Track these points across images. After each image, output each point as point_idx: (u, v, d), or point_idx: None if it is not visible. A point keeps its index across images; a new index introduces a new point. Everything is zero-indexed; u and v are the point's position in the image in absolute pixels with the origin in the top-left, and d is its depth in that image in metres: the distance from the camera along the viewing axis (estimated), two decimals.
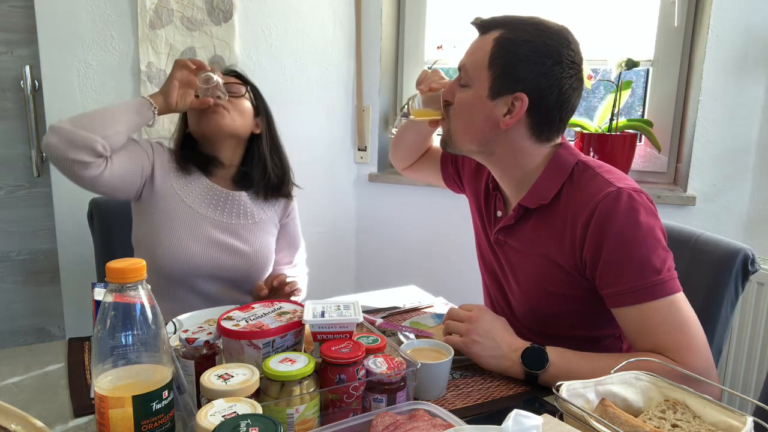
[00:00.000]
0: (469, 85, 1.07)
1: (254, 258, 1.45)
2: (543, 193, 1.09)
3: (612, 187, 1.01)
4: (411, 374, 0.87)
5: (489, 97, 1.05)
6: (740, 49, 1.81)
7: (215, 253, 1.39)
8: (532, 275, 1.12)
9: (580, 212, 1.02)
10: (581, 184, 1.06)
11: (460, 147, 1.14)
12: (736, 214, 1.89)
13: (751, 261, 1.20)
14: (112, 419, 0.69)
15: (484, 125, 1.07)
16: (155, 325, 0.72)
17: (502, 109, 1.05)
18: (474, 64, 1.06)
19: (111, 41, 1.85)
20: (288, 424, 0.77)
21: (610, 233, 0.98)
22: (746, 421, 0.72)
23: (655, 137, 1.97)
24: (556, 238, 1.07)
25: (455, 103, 1.10)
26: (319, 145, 2.33)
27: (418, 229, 2.32)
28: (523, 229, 1.13)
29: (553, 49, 1.02)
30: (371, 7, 2.25)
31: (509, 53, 1.02)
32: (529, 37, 1.02)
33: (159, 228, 1.36)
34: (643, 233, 0.98)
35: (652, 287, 0.96)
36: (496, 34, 1.04)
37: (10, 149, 1.83)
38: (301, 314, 0.90)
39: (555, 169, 1.09)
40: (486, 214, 1.25)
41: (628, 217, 0.98)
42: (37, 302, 1.92)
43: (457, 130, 1.12)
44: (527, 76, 1.02)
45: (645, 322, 0.97)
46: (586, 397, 0.80)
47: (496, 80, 1.04)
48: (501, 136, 1.08)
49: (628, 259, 0.98)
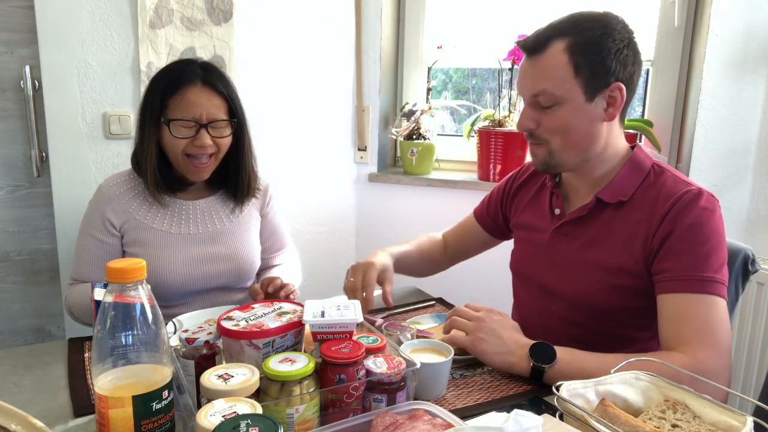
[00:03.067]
0: (558, 102, 1.06)
1: (240, 258, 1.45)
2: (623, 190, 1.12)
3: (693, 187, 1.06)
4: (411, 374, 0.87)
5: (587, 101, 1.06)
6: (740, 49, 1.81)
7: (200, 267, 1.40)
8: (595, 267, 1.13)
9: (660, 206, 1.06)
10: (659, 184, 1.10)
11: (564, 164, 1.13)
12: (736, 214, 1.89)
13: (751, 261, 1.20)
14: (112, 419, 0.69)
15: (589, 128, 1.09)
16: (155, 325, 0.72)
17: (602, 105, 1.07)
18: (556, 82, 1.05)
19: (111, 41, 1.85)
20: (288, 424, 0.77)
21: (683, 223, 1.02)
22: (746, 421, 0.72)
23: (655, 137, 1.97)
24: (628, 232, 1.09)
25: (547, 125, 1.09)
26: (319, 145, 2.33)
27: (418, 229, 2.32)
28: (594, 221, 1.15)
29: (620, 32, 1.06)
30: (371, 7, 2.25)
31: (591, 52, 1.04)
32: (599, 31, 1.04)
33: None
34: (714, 232, 1.02)
35: (704, 282, 0.99)
36: (562, 45, 1.04)
37: (10, 149, 1.82)
38: (301, 314, 0.90)
39: (634, 168, 1.13)
40: (538, 215, 1.26)
41: (703, 214, 1.03)
42: (37, 302, 1.92)
43: (560, 149, 1.10)
44: (614, 65, 1.05)
45: (682, 311, 1.00)
46: (586, 397, 0.80)
47: (589, 82, 1.05)
48: (600, 132, 1.10)
49: (691, 249, 1.01)
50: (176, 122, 1.31)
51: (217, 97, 1.34)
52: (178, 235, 1.40)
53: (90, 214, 1.41)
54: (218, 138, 1.35)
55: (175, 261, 1.38)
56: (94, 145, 1.88)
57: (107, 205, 1.38)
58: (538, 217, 1.26)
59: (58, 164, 1.83)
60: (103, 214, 1.38)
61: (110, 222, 1.38)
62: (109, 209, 1.38)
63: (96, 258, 1.38)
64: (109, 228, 1.38)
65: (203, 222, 1.44)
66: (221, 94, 1.35)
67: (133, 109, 1.91)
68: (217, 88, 1.34)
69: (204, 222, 1.44)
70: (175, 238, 1.40)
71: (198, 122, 1.31)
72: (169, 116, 1.32)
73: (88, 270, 1.38)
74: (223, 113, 1.35)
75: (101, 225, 1.38)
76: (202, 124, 1.32)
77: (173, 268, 1.37)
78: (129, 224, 1.38)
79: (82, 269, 1.39)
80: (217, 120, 1.34)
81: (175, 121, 1.31)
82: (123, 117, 1.89)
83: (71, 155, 1.84)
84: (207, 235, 1.43)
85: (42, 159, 1.84)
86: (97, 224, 1.38)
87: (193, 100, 1.31)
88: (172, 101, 1.31)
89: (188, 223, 1.42)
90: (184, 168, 1.37)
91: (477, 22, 2.25)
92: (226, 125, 1.36)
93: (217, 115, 1.34)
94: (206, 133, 1.32)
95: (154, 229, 1.39)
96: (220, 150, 1.37)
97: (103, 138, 1.89)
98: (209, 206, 1.46)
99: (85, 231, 1.40)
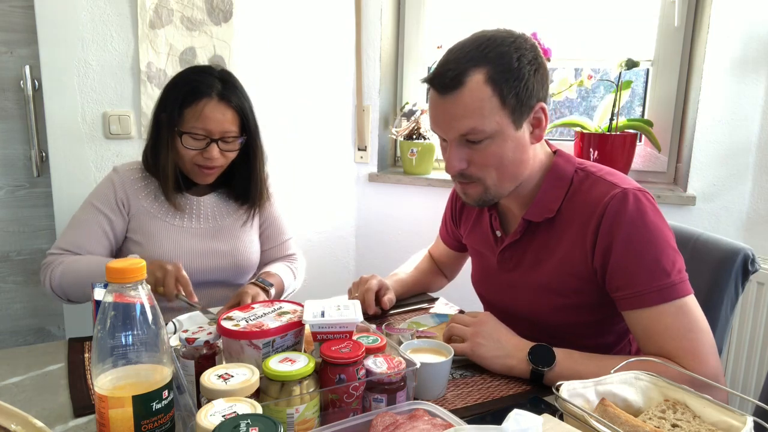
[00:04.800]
0: (490, 137, 1.00)
1: (238, 254, 1.47)
2: (547, 206, 1.08)
3: (617, 189, 1.01)
4: (411, 374, 0.87)
5: (516, 130, 1.02)
6: (740, 49, 1.81)
7: (200, 260, 1.43)
8: (541, 289, 1.11)
9: (589, 218, 1.02)
10: (584, 190, 1.06)
11: (501, 196, 1.09)
12: (736, 214, 1.89)
13: (751, 261, 1.20)
14: (112, 419, 0.69)
15: (521, 156, 1.04)
16: (155, 325, 0.72)
17: (528, 129, 1.04)
18: (484, 117, 0.98)
19: (111, 41, 1.85)
20: (288, 424, 0.77)
21: (619, 236, 0.98)
22: (746, 421, 0.72)
23: (655, 137, 1.97)
24: (566, 248, 1.06)
25: (480, 162, 1.03)
26: (319, 145, 2.33)
27: (418, 229, 2.32)
28: (530, 243, 1.12)
29: (530, 51, 1.01)
30: (371, 7, 2.24)
31: (514, 79, 0.98)
32: (515, 54, 0.98)
33: (139, 248, 1.40)
34: (652, 234, 0.98)
35: (661, 290, 0.96)
36: (481, 77, 0.97)
37: (10, 149, 1.82)
38: (301, 314, 0.90)
39: (556, 179, 1.09)
40: (483, 237, 1.24)
41: (636, 218, 0.98)
42: (37, 302, 1.92)
43: (495, 184, 1.06)
44: (535, 87, 1.01)
45: (652, 326, 0.97)
46: (586, 397, 0.80)
47: (515, 110, 1.00)
48: (530, 156, 1.06)
49: (637, 261, 0.98)
50: (188, 134, 1.34)
51: (231, 111, 1.36)
52: (180, 228, 1.43)
53: (102, 189, 1.42)
54: (227, 152, 1.39)
55: (177, 252, 1.40)
56: (94, 145, 1.88)
57: (123, 186, 1.41)
58: (483, 240, 1.25)
59: (58, 164, 1.83)
60: (117, 192, 1.40)
61: (122, 203, 1.40)
62: (124, 190, 1.41)
63: (96, 231, 1.38)
64: (120, 207, 1.40)
65: (205, 217, 1.47)
66: (235, 109, 1.37)
67: (133, 109, 1.91)
68: (233, 102, 1.36)
69: (206, 217, 1.47)
70: (178, 230, 1.43)
71: (209, 136, 1.34)
72: (182, 128, 1.34)
73: (86, 240, 1.37)
74: (236, 127, 1.38)
75: (113, 202, 1.40)
76: (213, 138, 1.34)
77: (174, 259, 1.38)
78: (138, 210, 1.41)
79: (78, 239, 1.37)
80: (228, 135, 1.36)
81: (187, 134, 1.34)
82: (123, 117, 1.89)
83: (71, 155, 1.84)
84: (208, 230, 1.46)
85: (42, 159, 1.84)
86: (108, 200, 1.40)
87: (208, 114, 1.33)
88: (188, 113, 1.34)
89: (191, 217, 1.45)
90: (191, 172, 1.41)
91: (477, 22, 2.25)
92: (235, 140, 1.39)
93: (229, 130, 1.36)
94: (216, 147, 1.35)
95: (159, 219, 1.42)
96: (226, 161, 1.41)
97: (103, 138, 1.89)
98: (212, 203, 1.49)
99: (91, 204, 1.41)
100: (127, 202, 1.41)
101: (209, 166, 1.38)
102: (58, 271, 1.33)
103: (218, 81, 1.36)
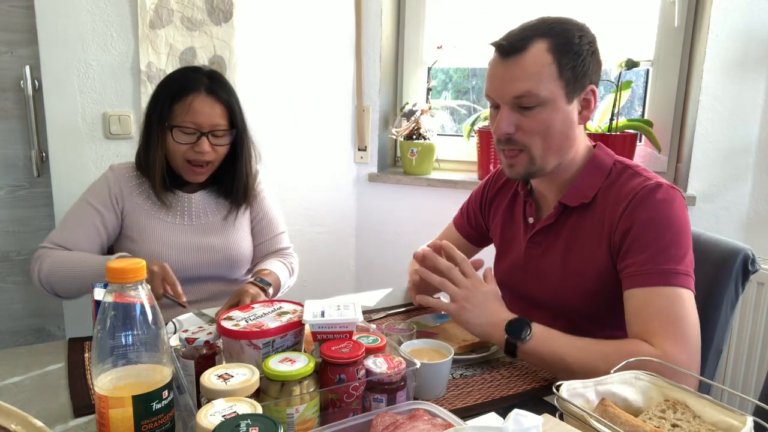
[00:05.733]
0: (542, 104, 1.04)
1: (230, 249, 1.50)
2: (584, 192, 1.11)
3: (651, 182, 1.05)
4: (411, 374, 0.87)
5: (567, 103, 1.06)
6: (740, 49, 1.81)
7: (192, 256, 1.45)
8: (570, 274, 1.13)
9: (619, 204, 1.05)
10: (621, 182, 1.09)
11: (545, 169, 1.11)
12: (736, 214, 1.89)
13: (751, 261, 1.20)
14: (112, 419, 0.69)
15: (567, 131, 1.08)
16: (155, 325, 0.72)
17: (578, 108, 1.08)
18: (541, 82, 1.03)
19: (111, 41, 1.85)
20: (288, 424, 0.77)
21: (642, 216, 1.02)
22: (746, 421, 0.72)
23: (655, 137, 1.97)
24: (595, 234, 1.09)
25: (528, 128, 1.06)
26: (319, 145, 2.33)
27: (419, 229, 2.32)
28: (563, 228, 1.15)
29: (590, 36, 1.07)
30: (371, 7, 2.24)
31: (573, 53, 1.04)
32: (577, 33, 1.05)
33: (133, 245, 1.42)
34: (673, 224, 1.01)
35: (665, 274, 0.97)
36: (544, 45, 1.03)
37: (10, 149, 1.82)
38: (301, 314, 0.90)
39: (595, 168, 1.12)
40: (514, 225, 1.26)
41: (662, 205, 1.02)
42: (37, 302, 1.92)
43: (541, 154, 1.08)
44: (592, 67, 1.06)
45: (645, 306, 0.98)
46: (586, 397, 0.80)
47: (569, 84, 1.05)
48: (575, 136, 1.10)
49: (651, 241, 1.00)
50: (178, 128, 1.37)
51: (220, 105, 1.40)
52: (173, 224, 1.46)
53: (97, 186, 1.45)
54: (217, 146, 1.41)
55: (169, 248, 1.43)
56: (94, 145, 1.88)
57: (118, 184, 1.44)
58: (513, 227, 1.26)
59: (57, 164, 1.83)
60: (112, 189, 1.43)
61: (116, 199, 1.43)
62: (119, 187, 1.44)
63: (88, 227, 1.40)
64: (114, 203, 1.42)
65: (197, 214, 1.50)
66: (223, 103, 1.40)
67: (133, 109, 1.91)
68: (221, 96, 1.40)
69: (198, 214, 1.50)
70: (170, 226, 1.45)
71: (199, 129, 1.37)
72: (172, 122, 1.38)
73: (77, 236, 1.39)
74: (225, 121, 1.41)
75: (107, 198, 1.42)
76: (203, 131, 1.37)
77: (167, 255, 1.42)
78: (132, 207, 1.44)
79: (70, 234, 1.39)
80: (217, 129, 1.39)
81: (177, 128, 1.37)
82: (123, 117, 1.89)
83: (71, 155, 1.84)
84: (200, 227, 1.49)
85: (42, 159, 1.84)
86: (102, 196, 1.42)
87: (197, 108, 1.36)
88: (177, 107, 1.37)
89: (183, 214, 1.48)
90: (183, 170, 1.43)
91: (477, 22, 2.25)
92: (225, 134, 1.42)
93: (219, 123, 1.40)
94: (206, 141, 1.39)
95: (152, 216, 1.45)
96: (217, 157, 1.43)
97: (103, 138, 1.89)
98: (203, 200, 1.51)
99: (85, 201, 1.43)
100: (122, 199, 1.43)
101: (200, 163, 1.40)
102: (46, 265, 1.35)
103: (206, 77, 1.40)
